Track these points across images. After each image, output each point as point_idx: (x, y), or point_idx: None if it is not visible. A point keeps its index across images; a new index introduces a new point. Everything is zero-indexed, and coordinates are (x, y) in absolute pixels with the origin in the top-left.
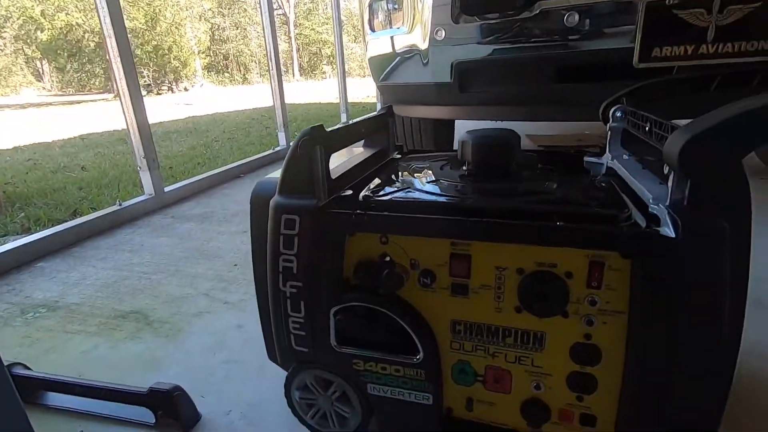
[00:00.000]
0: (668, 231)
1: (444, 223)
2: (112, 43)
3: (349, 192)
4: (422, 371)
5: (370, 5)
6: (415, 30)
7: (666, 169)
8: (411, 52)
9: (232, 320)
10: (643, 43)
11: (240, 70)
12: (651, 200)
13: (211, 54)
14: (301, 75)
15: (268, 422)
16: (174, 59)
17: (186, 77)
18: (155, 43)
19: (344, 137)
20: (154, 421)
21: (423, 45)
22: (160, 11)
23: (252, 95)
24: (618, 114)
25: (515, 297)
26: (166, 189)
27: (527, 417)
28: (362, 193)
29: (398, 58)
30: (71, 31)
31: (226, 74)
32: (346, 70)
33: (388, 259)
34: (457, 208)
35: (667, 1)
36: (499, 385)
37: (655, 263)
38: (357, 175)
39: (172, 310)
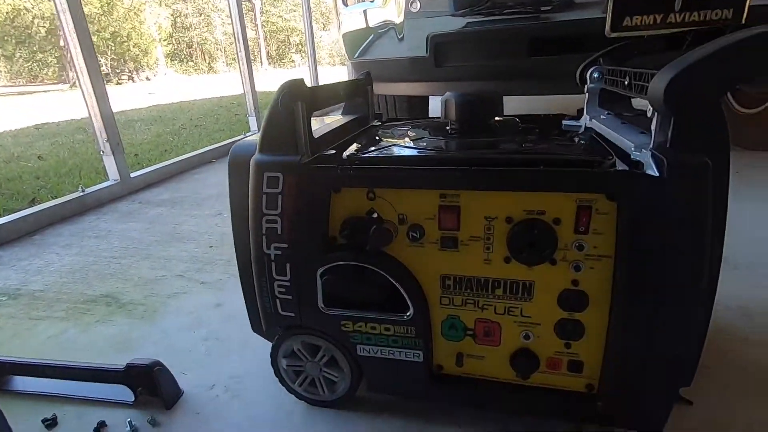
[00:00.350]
0: (653, 171)
1: (433, 174)
2: (68, 25)
3: (333, 151)
4: (412, 328)
5: None
6: (389, 3)
7: (650, 112)
8: (385, 27)
9: (211, 299)
10: (614, 13)
11: (205, 59)
12: (633, 148)
13: (174, 42)
14: (269, 64)
15: (253, 393)
16: (134, 47)
17: (147, 66)
18: (112, 29)
19: (325, 95)
20: (133, 399)
21: (398, 18)
22: None
23: (219, 84)
24: (595, 75)
25: (504, 247)
26: (133, 175)
27: (517, 368)
28: (346, 152)
29: (373, 33)
30: (18, 16)
31: (191, 63)
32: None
33: (375, 215)
34: (445, 159)
35: None
36: (488, 338)
37: (640, 203)
38: (338, 138)
39: (145, 293)
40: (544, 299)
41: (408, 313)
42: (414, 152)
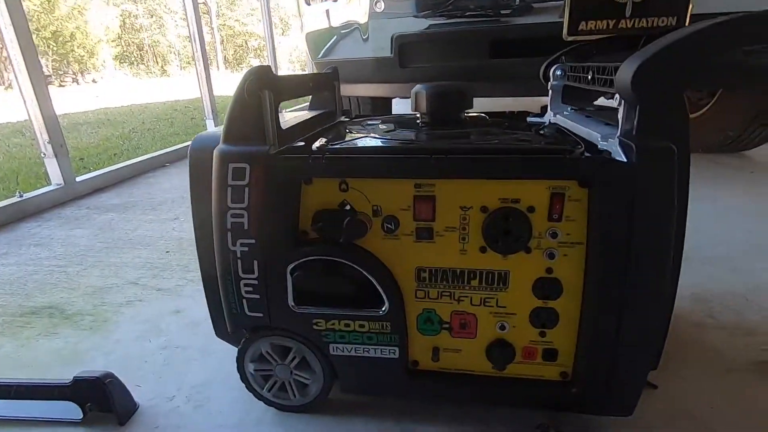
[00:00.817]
0: (621, 158)
1: (408, 162)
2: (3, 20)
3: (302, 143)
4: (388, 323)
5: None
6: (353, 2)
7: (616, 102)
8: (349, 26)
9: (168, 306)
10: (570, 18)
11: (157, 62)
12: (599, 138)
13: (123, 43)
14: (226, 68)
15: (218, 402)
16: (78, 47)
17: (94, 67)
18: (53, 28)
19: (292, 86)
20: (81, 416)
21: (362, 18)
22: None
23: (173, 87)
24: (558, 72)
25: (480, 237)
26: (78, 179)
27: (493, 359)
28: (316, 144)
29: (336, 33)
30: None
31: (142, 65)
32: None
33: (348, 207)
34: (418, 148)
35: None
36: (464, 330)
37: (610, 189)
38: (306, 131)
39: (94, 302)
40: (520, 288)
41: (383, 308)
42: (387, 142)
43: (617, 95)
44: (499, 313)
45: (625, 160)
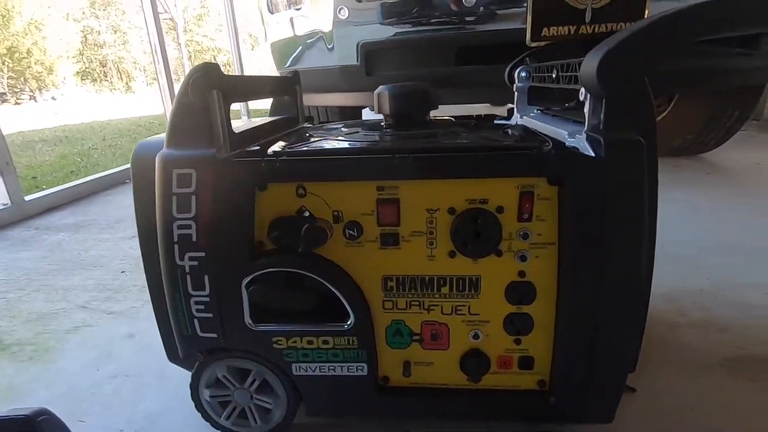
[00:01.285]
0: (589, 152)
1: (370, 163)
2: None
3: (256, 148)
4: (354, 338)
5: None
6: (317, 10)
7: (582, 95)
8: (314, 35)
9: (121, 330)
10: (533, 24)
11: (122, 78)
12: (566, 135)
13: (85, 60)
14: None
15: None
16: (36, 63)
17: (53, 84)
18: (9, 44)
19: (246, 87)
20: None
21: (327, 26)
22: (13, 7)
23: (137, 104)
24: (523, 74)
25: (448, 241)
26: (27, 198)
27: (467, 370)
28: (272, 149)
29: (301, 41)
30: None
31: (105, 82)
32: None
33: (307, 213)
34: (381, 149)
35: None
36: (436, 341)
37: (580, 185)
38: (263, 136)
39: (36, 330)
40: (492, 294)
41: (348, 322)
42: (348, 144)
43: (582, 90)
44: (471, 322)
45: (593, 154)
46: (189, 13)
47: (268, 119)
